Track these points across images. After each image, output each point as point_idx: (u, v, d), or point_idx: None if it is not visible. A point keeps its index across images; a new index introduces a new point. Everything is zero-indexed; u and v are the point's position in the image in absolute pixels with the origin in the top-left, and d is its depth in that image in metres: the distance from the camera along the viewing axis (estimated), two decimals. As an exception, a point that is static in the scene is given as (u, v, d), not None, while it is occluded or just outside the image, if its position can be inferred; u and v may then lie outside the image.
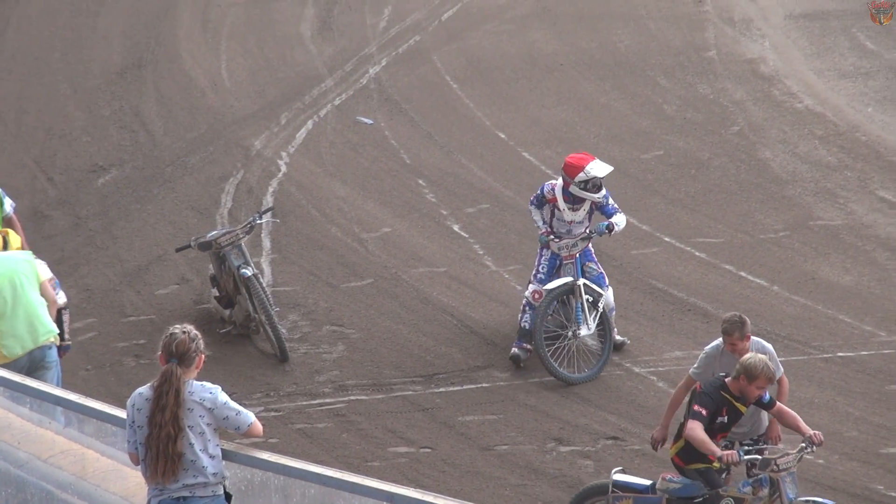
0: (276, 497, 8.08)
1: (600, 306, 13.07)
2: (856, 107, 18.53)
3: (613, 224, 13.12)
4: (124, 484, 8.68)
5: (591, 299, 13.02)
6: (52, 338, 11.22)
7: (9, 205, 13.00)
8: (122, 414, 8.33)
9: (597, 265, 13.32)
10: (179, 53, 20.98)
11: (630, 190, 16.19)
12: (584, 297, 12.99)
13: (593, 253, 13.39)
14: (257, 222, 14.08)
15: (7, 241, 12.23)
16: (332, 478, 7.76)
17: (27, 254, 11.58)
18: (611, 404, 12.64)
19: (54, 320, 11.40)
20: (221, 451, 8.01)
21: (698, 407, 9.58)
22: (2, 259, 11.39)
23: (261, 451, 8.13)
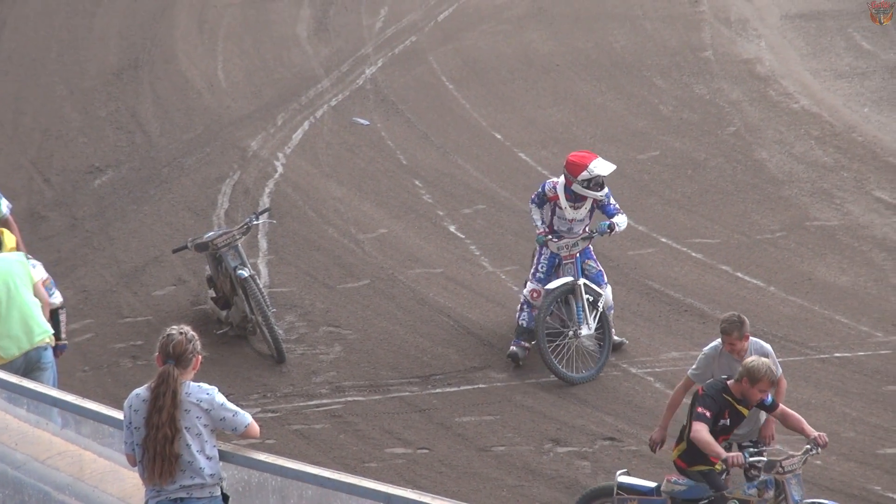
0: (274, 498, 8.08)
1: (600, 306, 13.07)
2: (852, 107, 18.54)
3: (615, 224, 13.11)
4: (121, 485, 8.68)
5: (591, 299, 13.02)
6: (48, 338, 11.20)
7: (5, 206, 12.99)
8: (119, 415, 8.32)
9: (596, 263, 13.31)
10: (176, 54, 20.97)
11: (626, 190, 16.18)
12: (585, 296, 12.99)
13: (592, 251, 13.38)
14: (254, 223, 14.08)
15: (1, 241, 12.22)
16: (329, 479, 7.76)
17: (20, 255, 11.55)
18: (608, 405, 12.63)
19: (49, 320, 11.39)
20: (219, 452, 8.01)
21: (702, 409, 9.55)
22: (-4, 261, 11.37)
23: (258, 452, 8.13)
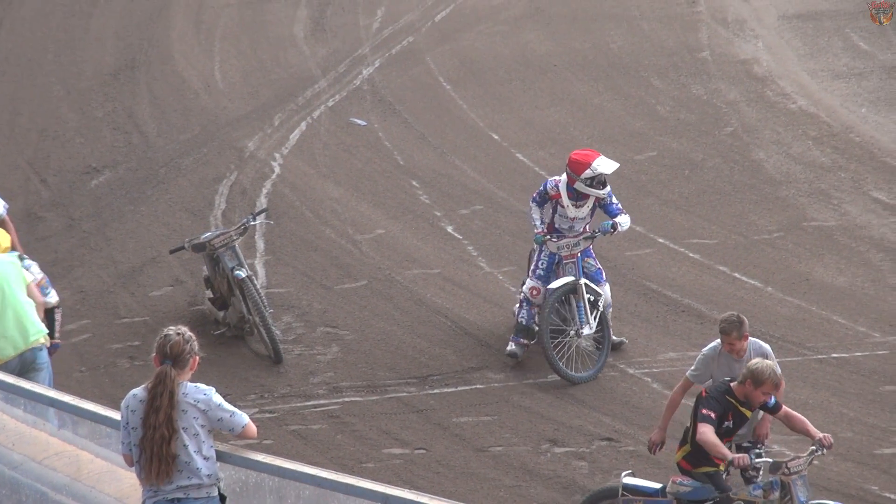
0: (271, 498, 8.07)
1: (600, 306, 13.07)
2: (849, 107, 18.54)
3: (618, 224, 13.10)
4: (119, 486, 8.67)
5: (591, 299, 13.02)
6: (43, 338, 11.19)
7: (2, 206, 12.99)
8: (116, 415, 8.32)
9: (595, 261, 13.31)
10: (172, 55, 20.96)
11: (624, 191, 16.15)
12: (586, 296, 12.98)
13: (591, 248, 13.36)
14: (251, 224, 14.08)
15: (-6, 241, 12.22)
16: (327, 479, 7.75)
17: (12, 255, 11.54)
18: (605, 405, 12.62)
19: (44, 320, 11.38)
20: (216, 452, 8.01)
21: (706, 411, 9.53)
22: (-13, 262, 11.36)
23: (255, 452, 8.13)
